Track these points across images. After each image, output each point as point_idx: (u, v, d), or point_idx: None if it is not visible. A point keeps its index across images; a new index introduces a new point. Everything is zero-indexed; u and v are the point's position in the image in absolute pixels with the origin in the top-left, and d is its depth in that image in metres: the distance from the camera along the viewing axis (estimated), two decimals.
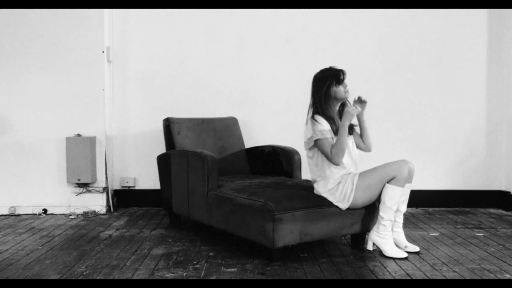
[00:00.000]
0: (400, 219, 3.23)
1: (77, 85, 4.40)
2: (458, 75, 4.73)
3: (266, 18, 4.66)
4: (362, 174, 3.07)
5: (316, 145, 3.08)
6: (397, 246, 3.20)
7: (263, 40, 4.67)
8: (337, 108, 3.19)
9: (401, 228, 3.24)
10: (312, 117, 3.11)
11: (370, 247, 3.21)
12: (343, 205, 3.08)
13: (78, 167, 4.31)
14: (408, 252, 3.15)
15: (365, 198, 3.08)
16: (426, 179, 4.70)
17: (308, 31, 4.67)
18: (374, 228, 3.17)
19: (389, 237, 3.12)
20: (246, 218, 3.07)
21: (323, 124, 3.07)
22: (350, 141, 3.19)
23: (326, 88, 3.10)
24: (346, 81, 3.17)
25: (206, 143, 4.11)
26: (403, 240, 3.22)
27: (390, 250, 3.09)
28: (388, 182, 3.04)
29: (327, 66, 3.22)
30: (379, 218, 3.12)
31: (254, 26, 4.66)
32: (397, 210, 3.20)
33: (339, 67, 3.19)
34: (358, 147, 3.30)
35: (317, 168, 3.15)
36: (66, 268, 2.88)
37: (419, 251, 3.20)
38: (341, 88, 3.12)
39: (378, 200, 3.14)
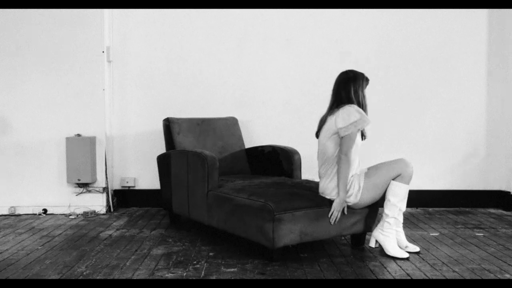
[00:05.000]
0: (401, 218, 3.23)
1: (77, 85, 4.40)
2: (458, 74, 4.72)
3: (266, 18, 4.65)
4: (368, 174, 3.07)
5: (346, 134, 2.99)
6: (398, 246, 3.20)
7: (263, 40, 4.67)
8: None
9: (401, 227, 3.25)
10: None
11: (372, 244, 3.21)
12: (350, 200, 3.06)
13: (78, 167, 4.31)
14: (408, 252, 3.15)
15: (371, 197, 3.08)
16: (426, 179, 4.70)
17: (308, 31, 4.67)
18: (378, 226, 3.18)
19: (393, 235, 3.14)
20: (246, 218, 3.07)
21: (365, 115, 3.03)
22: (359, 134, 3.12)
23: (362, 89, 3.14)
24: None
25: (206, 143, 4.11)
26: (403, 240, 3.22)
27: (392, 249, 3.10)
28: (393, 179, 3.05)
29: (346, 69, 3.24)
30: (383, 215, 3.13)
31: (254, 26, 4.66)
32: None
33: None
34: None
35: (329, 159, 3.08)
36: (66, 268, 2.88)
37: (419, 251, 3.20)
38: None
39: (381, 199, 3.15)
